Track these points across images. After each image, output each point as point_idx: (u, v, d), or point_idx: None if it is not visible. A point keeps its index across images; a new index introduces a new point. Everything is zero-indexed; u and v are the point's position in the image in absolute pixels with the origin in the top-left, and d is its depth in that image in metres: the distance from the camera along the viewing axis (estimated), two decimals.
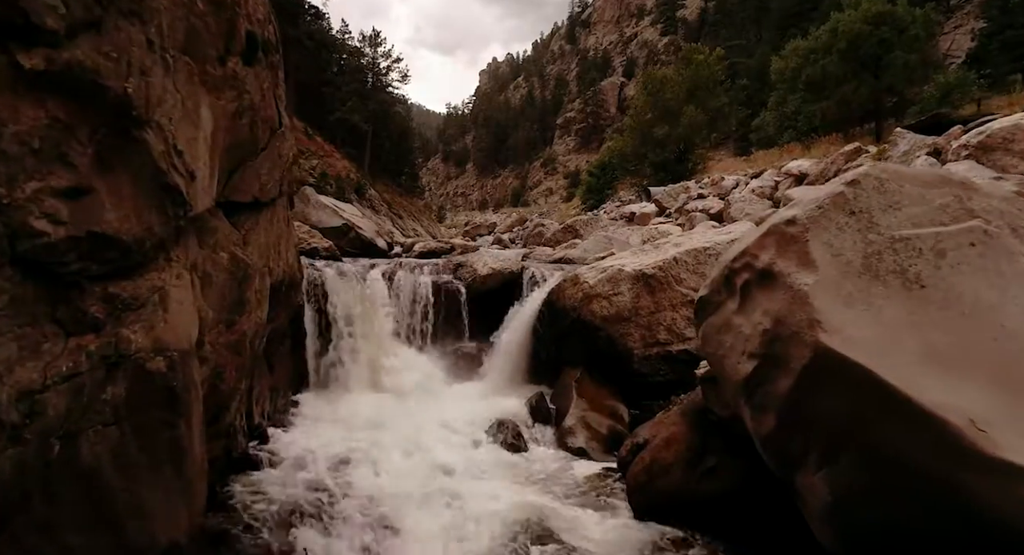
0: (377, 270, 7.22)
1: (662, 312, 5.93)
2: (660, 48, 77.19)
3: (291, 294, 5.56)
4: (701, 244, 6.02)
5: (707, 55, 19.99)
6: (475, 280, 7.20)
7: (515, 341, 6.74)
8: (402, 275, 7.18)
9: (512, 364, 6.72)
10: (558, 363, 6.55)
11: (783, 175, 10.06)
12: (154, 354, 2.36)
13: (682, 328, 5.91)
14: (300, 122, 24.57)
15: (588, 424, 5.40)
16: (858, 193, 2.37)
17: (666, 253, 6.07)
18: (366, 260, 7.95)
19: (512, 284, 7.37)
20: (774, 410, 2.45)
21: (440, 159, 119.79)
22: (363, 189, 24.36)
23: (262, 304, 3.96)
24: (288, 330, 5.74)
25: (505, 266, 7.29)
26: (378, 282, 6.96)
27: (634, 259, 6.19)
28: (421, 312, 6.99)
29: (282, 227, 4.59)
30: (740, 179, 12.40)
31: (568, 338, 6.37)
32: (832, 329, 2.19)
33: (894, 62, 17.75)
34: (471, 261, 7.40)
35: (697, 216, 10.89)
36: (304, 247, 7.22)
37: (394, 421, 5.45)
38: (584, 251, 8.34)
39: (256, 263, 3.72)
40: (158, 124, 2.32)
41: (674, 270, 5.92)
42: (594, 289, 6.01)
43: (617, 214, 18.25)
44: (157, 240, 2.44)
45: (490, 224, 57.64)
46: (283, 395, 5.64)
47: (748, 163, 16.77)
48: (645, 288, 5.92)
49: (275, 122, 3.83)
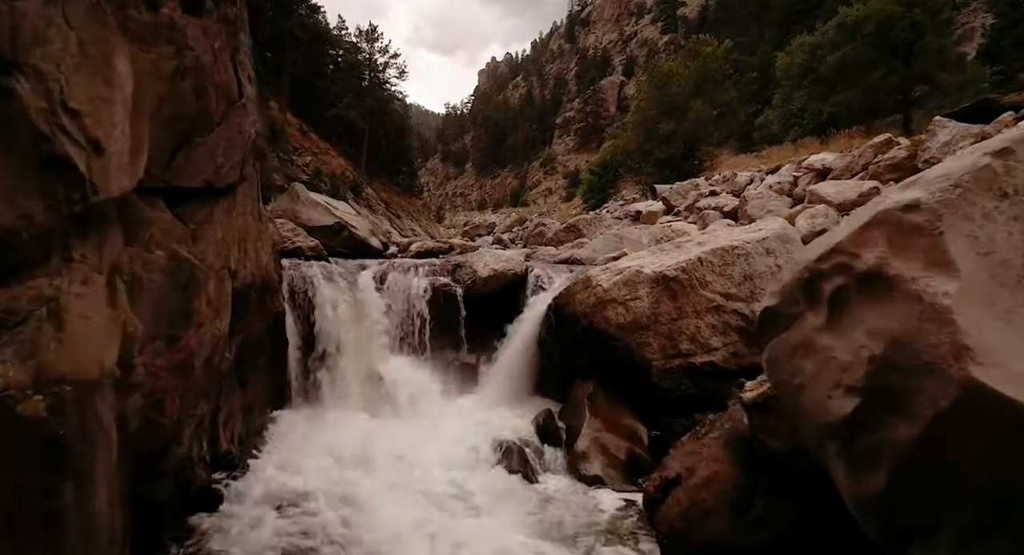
0: (368, 272, 6.55)
1: (685, 319, 5.28)
2: (660, 46, 76.56)
3: (266, 299, 4.89)
4: (728, 242, 5.36)
5: (715, 47, 19.32)
6: (475, 282, 6.54)
7: (519, 350, 6.08)
8: (395, 277, 6.51)
9: (516, 375, 6.06)
10: (567, 374, 5.90)
11: (804, 170, 9.42)
12: (32, 391, 1.70)
13: (707, 337, 5.26)
14: (295, 118, 23.95)
15: (604, 447, 4.74)
16: (1011, 166, 1.71)
17: (689, 253, 5.41)
18: (357, 262, 7.29)
19: (515, 287, 6.71)
20: (887, 466, 1.79)
21: (439, 159, 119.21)
22: (359, 188, 23.70)
23: (220, 314, 3.30)
24: (266, 340, 5.07)
25: (508, 267, 6.63)
26: (368, 285, 6.29)
27: (653, 259, 5.53)
28: (415, 318, 6.32)
29: (248, 221, 3.93)
30: (754, 175, 11.76)
31: (578, 347, 5.72)
32: (988, 359, 1.54)
33: (928, 47, 16.56)
34: (470, 262, 6.74)
35: (710, 214, 10.24)
36: (288, 246, 6.56)
37: (384, 444, 4.78)
38: (593, 251, 7.68)
39: (211, 264, 3.06)
40: (36, 70, 1.66)
41: (698, 272, 5.26)
42: (608, 293, 5.35)
43: (621, 213, 17.60)
44: (41, 232, 1.78)
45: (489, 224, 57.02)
46: (259, 414, 4.97)
47: (760, 159, 16.12)
48: (666, 292, 5.26)
49: (233, 91, 3.17)
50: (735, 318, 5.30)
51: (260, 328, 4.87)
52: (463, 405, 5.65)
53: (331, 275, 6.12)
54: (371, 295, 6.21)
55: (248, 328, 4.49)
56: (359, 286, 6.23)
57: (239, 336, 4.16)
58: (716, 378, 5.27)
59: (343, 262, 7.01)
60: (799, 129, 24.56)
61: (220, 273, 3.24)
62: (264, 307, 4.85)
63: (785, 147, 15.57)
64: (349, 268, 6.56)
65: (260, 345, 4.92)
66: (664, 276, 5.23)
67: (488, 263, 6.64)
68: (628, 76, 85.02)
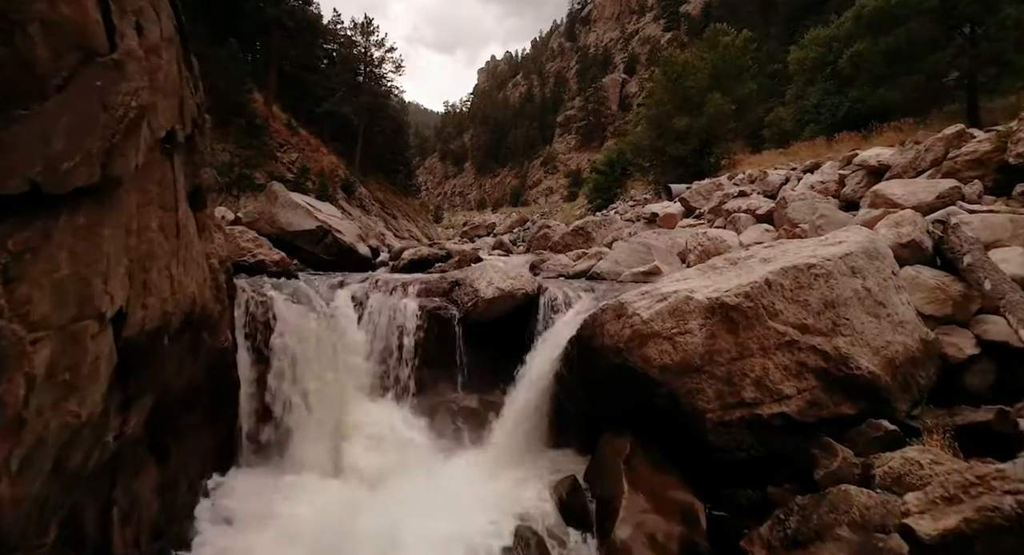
0: (345, 292, 5.35)
1: (748, 359, 4.08)
2: (663, 44, 75.31)
3: (201, 338, 3.69)
4: (802, 260, 4.16)
5: (734, 37, 18.08)
6: (477, 305, 5.33)
7: (532, 391, 4.88)
8: (378, 299, 5.30)
9: (528, 423, 4.86)
10: (593, 423, 4.71)
11: (854, 167, 8.21)
12: None
13: (777, 381, 4.06)
14: (284, 113, 22.69)
15: (651, 537, 3.53)
16: None
17: (752, 273, 4.21)
18: (336, 276, 6.08)
19: (526, 310, 5.52)
20: None
21: (438, 158, 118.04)
22: (352, 187, 22.46)
23: (81, 387, 2.11)
24: (204, 389, 3.87)
25: (516, 286, 5.42)
26: (345, 309, 5.09)
27: (705, 282, 4.33)
28: (403, 351, 5.12)
29: (155, 239, 2.73)
30: (789, 174, 10.55)
31: (609, 391, 4.53)
32: None
33: (1005, 23, 14.18)
34: (471, 278, 5.53)
35: (741, 218, 9.04)
36: (246, 261, 5.35)
37: (356, 531, 3.59)
38: (615, 263, 6.48)
39: (44, 318, 1.87)
40: None
41: (766, 298, 4.06)
42: (649, 325, 4.15)
43: (633, 215, 16.40)
44: None
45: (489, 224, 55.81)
46: (190, 488, 3.77)
47: (787, 156, 14.89)
48: (724, 324, 4.06)
49: (94, 38, 1.97)
50: (813, 357, 4.11)
51: (193, 376, 3.67)
52: (463, 467, 4.43)
53: (298, 297, 4.92)
54: (348, 322, 5.00)
55: (168, 383, 3.29)
56: (333, 311, 5.03)
57: (145, 399, 2.96)
58: (789, 434, 4.09)
59: (317, 278, 5.81)
60: (815, 125, 23.43)
61: (76, 328, 2.03)
62: (197, 348, 3.64)
63: (817, 144, 14.33)
64: (322, 287, 5.35)
65: (193, 398, 3.71)
66: (722, 304, 4.03)
67: (492, 281, 5.44)
68: (630, 74, 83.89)
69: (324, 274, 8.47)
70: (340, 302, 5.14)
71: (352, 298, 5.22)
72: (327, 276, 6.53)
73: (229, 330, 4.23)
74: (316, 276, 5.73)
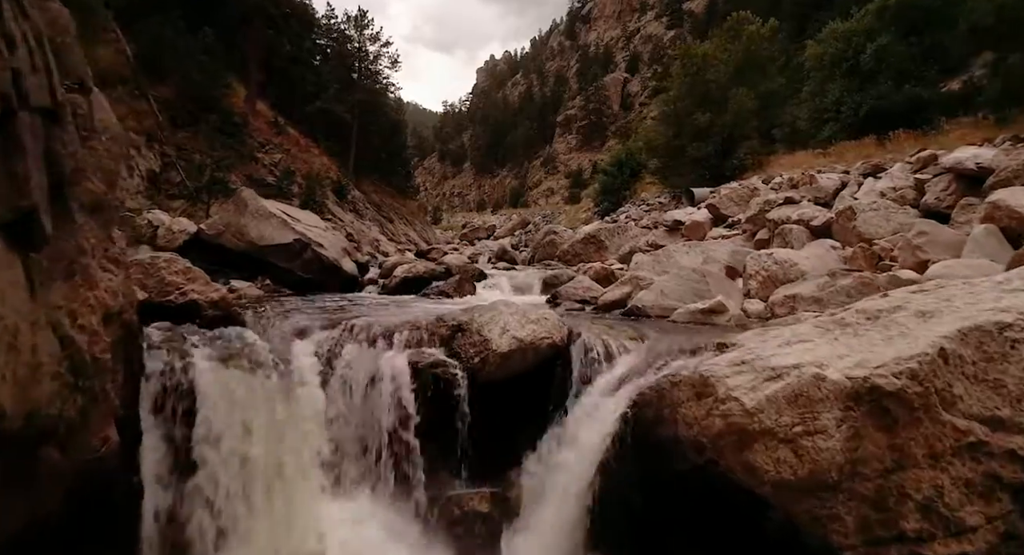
0: (308, 343, 3.91)
1: (909, 470, 2.65)
2: (666, 42, 73.88)
3: (39, 455, 2.26)
4: (988, 317, 2.74)
5: (759, 26, 16.63)
6: (487, 361, 3.90)
7: (566, 485, 3.48)
8: (353, 354, 3.87)
9: (560, 533, 3.45)
10: (657, 537, 3.30)
11: (936, 170, 6.80)
12: None
13: (954, 505, 2.64)
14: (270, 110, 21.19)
15: None
16: None
17: (909, 336, 2.79)
18: (297, 320, 4.62)
19: (551, 365, 4.10)
20: None
21: (436, 158, 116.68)
22: (344, 190, 20.98)
23: None
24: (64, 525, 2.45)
25: (540, 334, 3.99)
26: (305, 373, 3.65)
27: (834, 349, 2.89)
28: (386, 428, 3.69)
29: None
30: (844, 179, 9.12)
31: (683, 500, 3.11)
32: None
33: None
34: (479, 324, 4.09)
35: (793, 230, 7.63)
36: (171, 301, 3.91)
37: None
38: (662, 295, 5.05)
39: None
40: None
41: (940, 378, 2.63)
42: (757, 418, 2.72)
43: (650, 221, 14.99)
44: None
45: (489, 227, 54.33)
46: None
47: (826, 157, 13.45)
48: (875, 419, 2.64)
49: None
50: (1008, 467, 2.70)
51: (49, 506, 2.25)
52: None
53: (237, 356, 3.48)
54: (308, 393, 3.57)
55: None
56: (288, 374, 3.59)
57: None
58: None
59: (273, 320, 4.36)
60: (835, 124, 22.04)
61: None
62: (31, 474, 2.22)
63: (865, 143, 12.88)
64: (276, 337, 3.90)
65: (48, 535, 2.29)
66: (873, 388, 2.61)
67: (508, 327, 4.00)
68: (632, 73, 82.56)
69: (303, 297, 7.05)
70: (299, 361, 3.70)
71: (316, 354, 3.78)
72: (299, 311, 5.10)
73: (118, 422, 2.79)
74: (265, 324, 4.29)
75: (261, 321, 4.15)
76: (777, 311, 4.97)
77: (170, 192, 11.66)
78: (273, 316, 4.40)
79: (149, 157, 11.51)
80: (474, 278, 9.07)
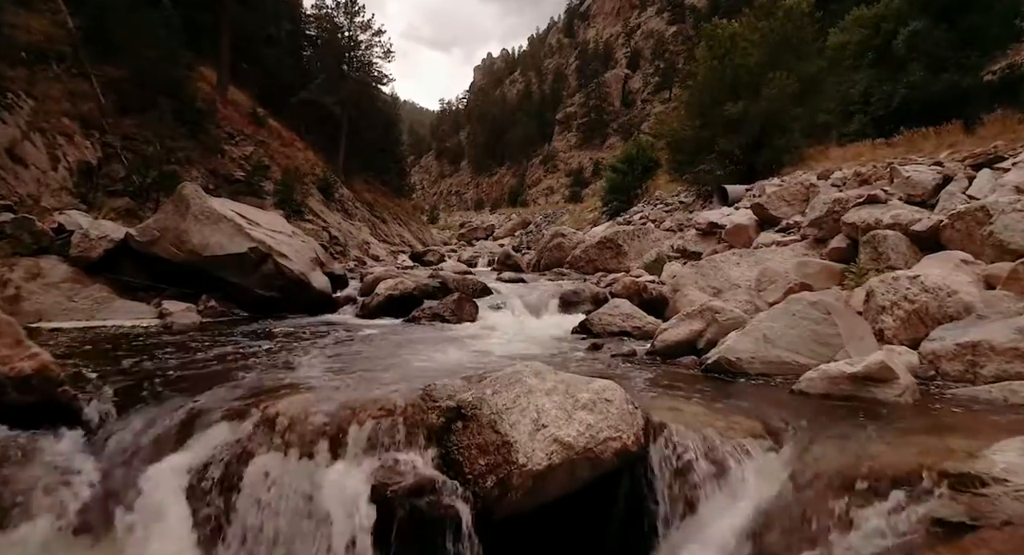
0: (180, 460, 2.18)
1: None
2: (668, 37, 72.23)
3: None
4: None
5: (797, 1, 14.88)
6: (511, 484, 2.18)
7: None
8: (268, 477, 2.13)
9: None
10: None
11: None
12: None
13: None
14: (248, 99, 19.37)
15: None
16: None
17: None
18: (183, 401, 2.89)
19: (614, 485, 2.38)
20: None
21: (433, 156, 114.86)
22: (331, 188, 19.18)
23: None
24: None
25: (601, 434, 2.27)
26: (165, 523, 1.92)
27: None
28: None
29: None
30: (946, 171, 7.42)
31: None
32: None
33: None
34: (493, 412, 2.37)
35: (888, 237, 5.94)
36: None
37: None
38: (769, 344, 3.31)
39: None
40: None
41: None
42: None
43: (673, 223, 13.26)
44: None
45: (488, 226, 52.52)
46: None
47: (892, 147, 11.75)
48: None
49: None
50: None
51: None
52: None
53: (15, 504, 1.75)
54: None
55: None
56: (127, 527, 1.85)
57: None
58: None
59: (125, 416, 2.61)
60: (863, 116, 20.51)
61: None
62: None
63: (949, 130, 11.14)
64: (121, 448, 2.17)
65: None
66: None
67: (544, 419, 2.28)
68: (633, 69, 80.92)
69: (258, 322, 5.32)
70: (153, 497, 1.96)
71: (192, 485, 2.04)
72: (209, 368, 3.35)
73: None
74: (178, 371, 2.56)
75: (110, 408, 2.39)
76: (944, 368, 3.27)
77: (111, 188, 9.89)
78: (142, 391, 2.65)
79: (84, 146, 9.72)
80: (475, 295, 7.35)
